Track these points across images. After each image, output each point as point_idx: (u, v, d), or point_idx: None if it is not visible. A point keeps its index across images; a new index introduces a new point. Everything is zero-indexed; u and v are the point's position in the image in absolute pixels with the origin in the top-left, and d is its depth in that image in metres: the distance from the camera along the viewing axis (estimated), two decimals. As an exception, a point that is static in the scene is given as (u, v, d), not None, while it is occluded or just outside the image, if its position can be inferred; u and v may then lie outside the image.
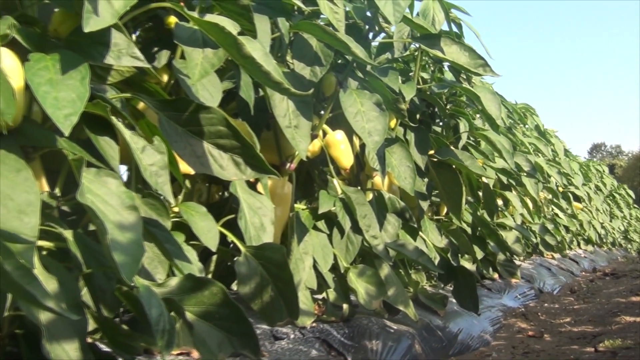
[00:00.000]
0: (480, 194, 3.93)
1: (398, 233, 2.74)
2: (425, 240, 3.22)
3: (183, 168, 1.58)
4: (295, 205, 2.37)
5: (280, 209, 2.16)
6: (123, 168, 1.71)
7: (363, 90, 2.38)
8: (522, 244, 4.70)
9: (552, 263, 7.07)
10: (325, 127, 2.50)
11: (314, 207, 2.41)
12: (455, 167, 3.19)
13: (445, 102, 3.61)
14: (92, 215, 1.07)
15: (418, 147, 3.05)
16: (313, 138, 2.38)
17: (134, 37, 1.99)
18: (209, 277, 1.86)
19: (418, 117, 3.34)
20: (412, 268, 3.31)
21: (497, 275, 4.79)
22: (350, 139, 2.58)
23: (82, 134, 1.33)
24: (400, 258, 2.98)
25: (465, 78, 3.60)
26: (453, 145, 3.49)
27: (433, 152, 3.19)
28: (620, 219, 13.84)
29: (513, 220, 4.87)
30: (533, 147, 6.13)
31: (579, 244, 9.56)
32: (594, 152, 57.33)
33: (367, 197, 2.59)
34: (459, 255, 3.75)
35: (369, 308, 2.36)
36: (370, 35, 2.68)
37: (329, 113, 2.46)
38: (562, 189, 7.70)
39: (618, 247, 13.57)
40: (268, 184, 2.08)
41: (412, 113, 3.22)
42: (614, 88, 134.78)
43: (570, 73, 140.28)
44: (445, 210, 3.91)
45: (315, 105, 2.47)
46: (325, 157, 2.48)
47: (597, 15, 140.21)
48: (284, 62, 2.37)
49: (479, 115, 4.07)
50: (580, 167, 9.33)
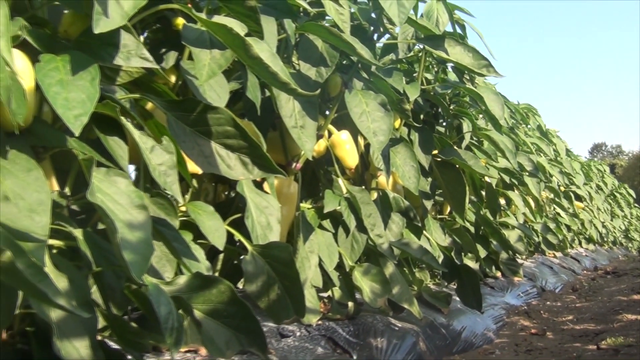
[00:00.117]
0: (483, 194, 3.93)
1: (402, 232, 2.74)
2: (429, 239, 3.21)
3: (191, 168, 1.58)
4: (301, 205, 2.37)
5: (287, 208, 2.16)
6: (131, 167, 1.71)
7: (368, 91, 2.38)
8: (524, 243, 4.70)
9: (554, 262, 7.05)
10: (331, 127, 2.49)
11: (320, 206, 2.41)
12: (459, 166, 3.19)
13: (449, 102, 3.61)
14: (102, 214, 1.07)
15: (422, 147, 3.04)
16: (318, 138, 2.38)
17: (142, 38, 1.99)
18: (216, 275, 1.86)
19: (422, 117, 3.34)
20: (416, 266, 3.31)
21: (499, 274, 4.78)
22: (355, 139, 2.58)
23: (91, 134, 1.34)
24: (405, 257, 2.97)
25: (469, 79, 3.60)
26: (456, 145, 3.49)
27: (437, 152, 3.19)
28: (621, 218, 13.81)
29: (515, 220, 4.87)
30: (535, 147, 6.12)
31: (581, 243, 9.54)
32: (595, 151, 57.19)
33: (371, 196, 2.59)
34: (463, 254, 3.74)
35: (374, 306, 2.36)
36: (375, 37, 2.68)
37: (334, 113, 2.46)
38: (563, 189, 7.68)
39: (619, 245, 13.54)
40: (274, 184, 2.08)
41: (416, 113, 3.21)
42: (615, 88, 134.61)
43: (571, 73, 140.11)
44: (449, 210, 3.91)
45: (321, 106, 2.47)
46: (331, 156, 2.47)
47: (597, 15, 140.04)
48: (290, 63, 2.36)
49: (482, 116, 4.06)
50: (582, 166, 9.32)
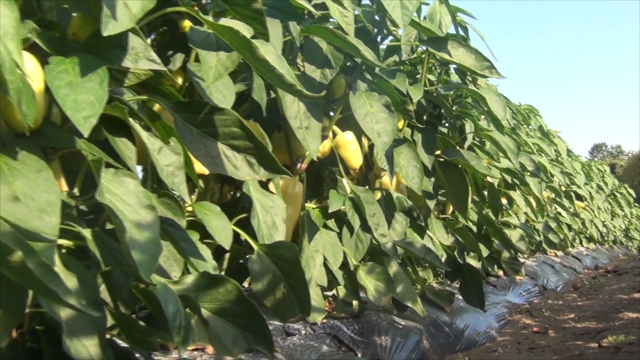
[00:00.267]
0: (486, 193, 3.92)
1: (406, 231, 2.74)
2: (432, 239, 3.21)
3: (197, 168, 1.58)
4: (306, 205, 2.36)
5: (292, 208, 2.16)
6: (138, 168, 1.71)
7: (372, 92, 2.38)
8: (526, 242, 4.69)
9: (555, 260, 7.04)
10: (335, 128, 2.49)
11: (324, 206, 2.40)
12: (461, 166, 3.18)
13: (452, 103, 3.60)
14: (111, 215, 1.07)
15: (425, 147, 3.04)
16: (323, 139, 2.37)
17: (149, 40, 1.99)
18: (223, 274, 1.86)
19: (425, 118, 3.33)
20: (419, 265, 3.31)
21: (502, 273, 4.78)
22: (359, 140, 2.57)
23: (99, 135, 1.33)
24: (408, 256, 2.97)
25: (471, 80, 3.59)
26: (459, 146, 3.48)
27: (440, 152, 3.18)
28: (621, 218, 13.79)
29: (517, 219, 4.86)
30: (537, 147, 6.10)
31: (581, 242, 9.52)
32: (595, 152, 57.03)
33: (375, 196, 2.58)
34: (465, 253, 3.74)
35: (378, 304, 2.36)
36: (379, 39, 2.67)
37: (339, 114, 2.45)
38: (564, 188, 7.67)
39: (619, 245, 13.53)
40: (280, 184, 2.08)
41: (419, 114, 3.21)
42: (615, 89, 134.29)
43: (571, 74, 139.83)
44: (452, 209, 3.90)
45: (325, 107, 2.46)
46: (335, 157, 2.47)
47: (597, 16, 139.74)
48: (295, 64, 2.36)
49: (484, 116, 4.06)
50: (583, 166, 9.30)
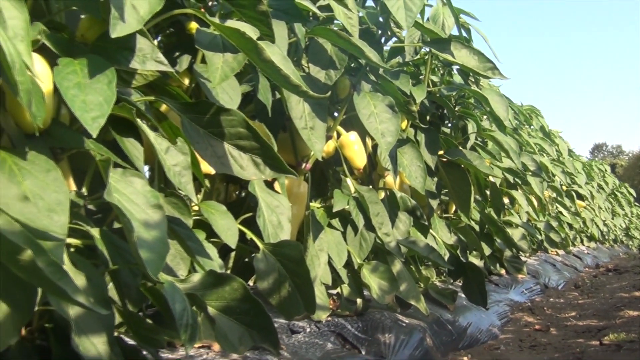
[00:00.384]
0: (488, 193, 3.91)
1: (409, 230, 2.73)
2: (435, 238, 3.20)
3: (204, 168, 1.58)
4: (311, 204, 2.36)
5: (297, 208, 2.15)
6: (144, 168, 1.70)
7: (376, 93, 2.37)
8: (527, 241, 4.67)
9: (556, 259, 7.03)
10: (340, 128, 2.49)
11: (329, 205, 2.40)
12: (464, 166, 3.17)
13: (454, 104, 3.59)
14: (119, 214, 1.07)
15: (428, 147, 3.03)
16: (328, 139, 2.37)
17: (156, 42, 1.99)
18: (228, 273, 1.86)
19: (428, 118, 3.32)
20: (422, 264, 3.30)
21: (504, 271, 4.77)
22: (363, 140, 2.57)
23: (107, 136, 1.33)
24: (412, 254, 2.96)
25: (474, 81, 3.58)
26: (461, 146, 3.47)
27: (442, 152, 3.18)
28: (622, 217, 13.75)
29: (519, 218, 4.83)
30: (538, 147, 6.09)
31: (582, 241, 9.50)
32: (596, 151, 56.89)
33: (379, 195, 2.58)
34: (468, 252, 3.73)
35: (382, 303, 2.35)
36: (383, 40, 2.67)
37: (343, 115, 2.45)
38: (566, 188, 7.66)
39: (620, 243, 13.50)
40: (285, 183, 2.08)
41: (422, 115, 3.20)
42: (615, 89, 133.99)
43: (572, 74, 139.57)
44: (454, 208, 3.89)
45: (330, 108, 2.46)
46: (339, 157, 2.47)
47: (598, 16, 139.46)
48: (300, 66, 2.36)
49: (486, 117, 4.05)
50: (583, 166, 9.29)
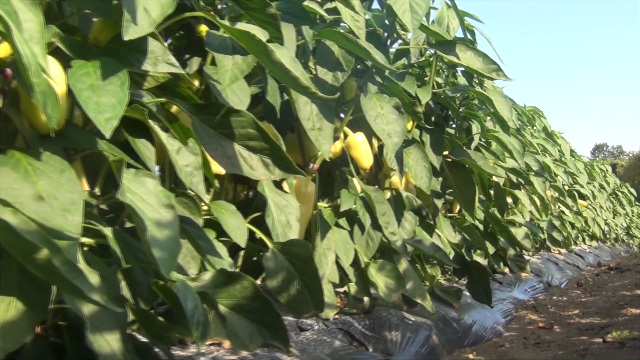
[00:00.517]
0: (492, 192, 3.90)
1: (415, 230, 2.73)
2: (440, 237, 3.20)
3: (214, 168, 1.58)
4: (318, 204, 2.36)
5: (304, 207, 2.15)
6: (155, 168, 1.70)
7: (382, 94, 2.37)
8: (530, 240, 4.66)
9: (559, 258, 7.01)
10: (346, 129, 2.48)
11: (336, 205, 2.40)
12: (469, 166, 3.17)
13: (459, 105, 3.58)
14: (132, 213, 1.07)
15: (433, 148, 3.02)
16: (335, 140, 2.37)
17: (166, 44, 1.99)
18: (238, 271, 1.85)
19: (433, 119, 3.32)
20: (428, 263, 3.29)
21: (507, 270, 4.76)
22: (369, 141, 2.57)
23: (120, 137, 1.33)
24: (417, 253, 2.96)
25: (478, 82, 3.57)
26: (466, 146, 3.46)
27: (447, 152, 3.17)
28: (623, 216, 13.70)
29: (522, 217, 4.83)
30: (541, 147, 6.08)
31: (584, 240, 9.48)
32: (597, 152, 56.69)
33: (385, 195, 2.57)
34: (472, 251, 3.72)
35: (389, 301, 2.35)
36: (389, 42, 2.66)
37: (350, 116, 2.45)
38: (568, 188, 7.63)
39: (621, 242, 13.45)
40: (293, 183, 2.07)
41: (427, 116, 3.20)
42: (615, 90, 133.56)
43: (573, 75, 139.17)
44: (459, 208, 3.88)
45: (337, 109, 2.45)
46: (346, 157, 2.46)
47: (598, 16, 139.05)
48: (307, 68, 2.35)
49: (490, 118, 4.03)
50: (585, 166, 9.25)
